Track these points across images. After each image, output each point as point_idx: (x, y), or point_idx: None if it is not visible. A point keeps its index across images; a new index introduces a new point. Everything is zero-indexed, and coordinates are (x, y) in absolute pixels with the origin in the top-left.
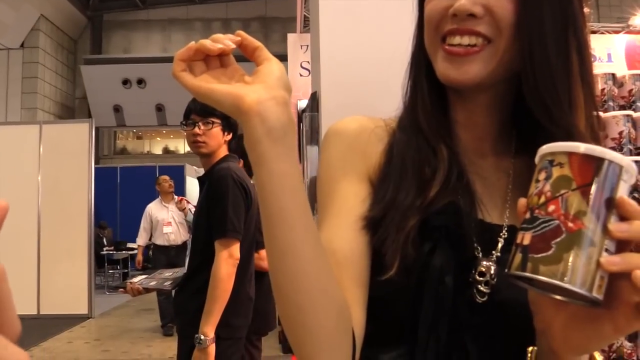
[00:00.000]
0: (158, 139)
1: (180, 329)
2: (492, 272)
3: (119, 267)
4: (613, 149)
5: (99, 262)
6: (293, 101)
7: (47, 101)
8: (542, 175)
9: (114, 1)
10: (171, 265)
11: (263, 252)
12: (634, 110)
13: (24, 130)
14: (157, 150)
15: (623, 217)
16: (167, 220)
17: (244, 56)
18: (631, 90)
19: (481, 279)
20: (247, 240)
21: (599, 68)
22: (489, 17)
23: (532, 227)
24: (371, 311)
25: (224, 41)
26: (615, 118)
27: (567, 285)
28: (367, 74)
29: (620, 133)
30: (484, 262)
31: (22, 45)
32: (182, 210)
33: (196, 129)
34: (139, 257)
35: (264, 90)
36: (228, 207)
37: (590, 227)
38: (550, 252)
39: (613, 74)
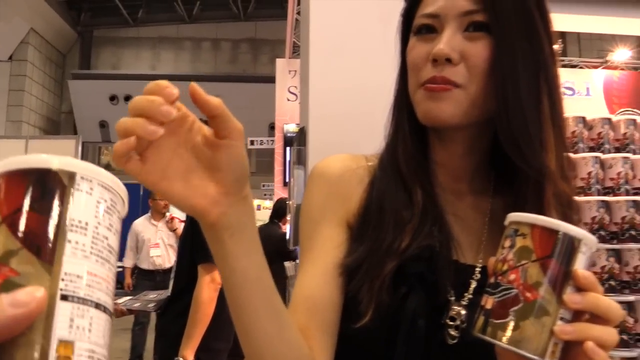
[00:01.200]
0: None
1: (161, 352)
2: (462, 316)
3: None
4: (582, 188)
5: None
6: (279, 125)
7: (32, 114)
8: (507, 243)
9: (105, 17)
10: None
11: None
12: (602, 152)
13: (10, 144)
14: None
15: (579, 288)
16: (154, 242)
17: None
18: (600, 132)
19: (452, 323)
20: None
21: (578, 101)
22: (464, 64)
23: (494, 293)
24: (345, 356)
25: (161, 110)
26: (584, 159)
27: (521, 352)
28: (355, 110)
29: (589, 173)
30: (455, 307)
31: (10, 58)
32: (174, 230)
33: None
34: (128, 280)
35: (225, 199)
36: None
37: (546, 298)
38: (508, 319)
39: (583, 117)
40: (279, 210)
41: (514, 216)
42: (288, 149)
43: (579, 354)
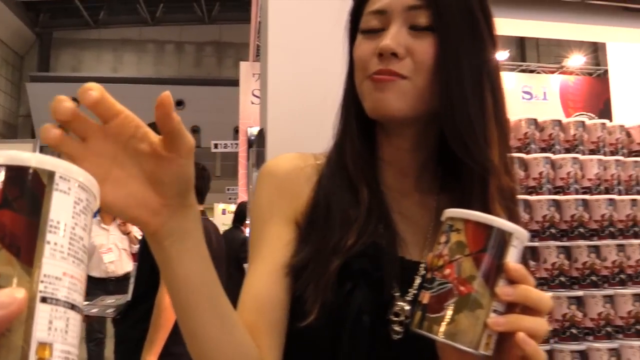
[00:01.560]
0: None
1: (121, 358)
2: (406, 312)
3: None
4: (533, 188)
5: None
6: (243, 128)
7: None
8: (443, 239)
9: (65, 19)
10: None
11: None
12: (553, 152)
13: None
14: None
15: (511, 281)
16: (107, 247)
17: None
18: (551, 134)
19: (396, 318)
20: None
21: (536, 105)
22: (410, 59)
23: (431, 288)
24: (292, 354)
25: (60, 107)
26: (536, 159)
27: (456, 345)
28: (313, 112)
29: (540, 173)
30: (399, 303)
31: None
32: (127, 234)
33: None
34: None
35: (166, 209)
36: None
37: (480, 291)
38: (443, 313)
39: (535, 119)
40: (240, 214)
41: (449, 212)
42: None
43: (512, 345)
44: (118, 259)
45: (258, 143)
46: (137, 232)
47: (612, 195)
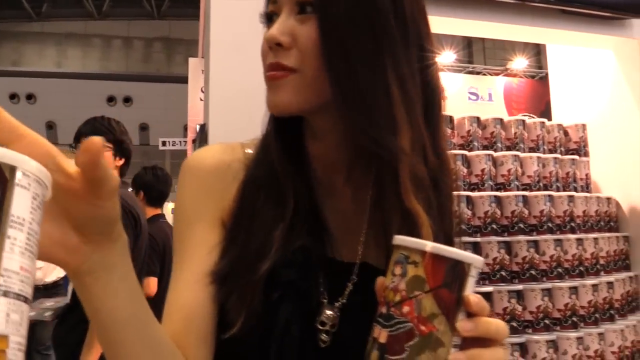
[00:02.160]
0: None
1: None
2: (333, 319)
3: None
4: (476, 184)
5: None
6: (192, 125)
7: None
8: (398, 270)
9: (4, 10)
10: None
11: (151, 280)
12: (495, 150)
13: None
14: None
15: (470, 313)
16: None
17: None
18: (492, 132)
19: (322, 327)
20: (135, 270)
21: (481, 106)
22: (296, 48)
23: (389, 326)
24: None
25: None
26: (478, 157)
27: None
28: (254, 107)
29: (482, 170)
30: (327, 311)
31: None
32: None
33: None
34: None
35: (87, 247)
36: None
37: (441, 329)
38: (404, 356)
39: (478, 117)
40: None
41: (403, 240)
42: None
43: None
44: (44, 265)
45: (201, 138)
46: None
47: (551, 192)
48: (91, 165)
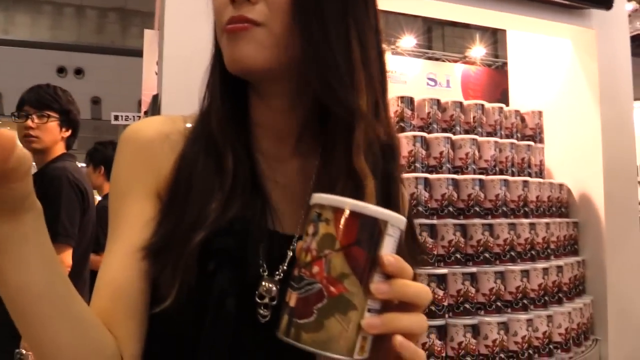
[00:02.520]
0: None
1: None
2: (272, 293)
3: None
4: (434, 167)
5: None
6: (146, 99)
7: None
8: (311, 230)
9: None
10: None
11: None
12: (454, 133)
13: None
14: None
15: (388, 275)
16: None
17: None
18: (452, 115)
19: (261, 301)
20: (83, 245)
21: (439, 92)
22: (264, 2)
23: (298, 288)
24: (154, 341)
25: None
26: (437, 139)
27: (327, 354)
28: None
29: (441, 153)
30: (265, 284)
31: None
32: None
33: (29, 122)
34: None
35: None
36: (61, 210)
37: (353, 290)
38: (312, 319)
39: (438, 100)
40: None
41: (317, 197)
42: None
43: (389, 346)
44: None
45: (153, 110)
46: None
47: (506, 177)
48: (2, 162)
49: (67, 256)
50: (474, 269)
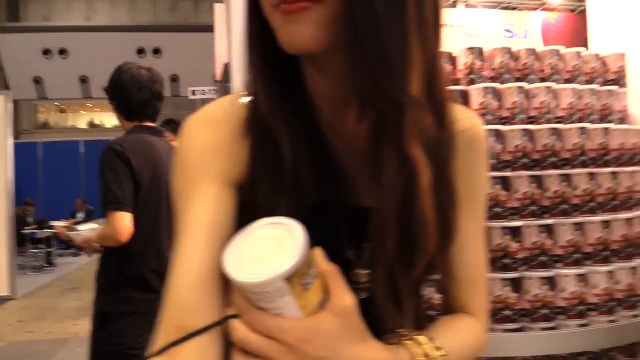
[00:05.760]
0: (83, 112)
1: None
2: (363, 275)
3: (42, 247)
4: (507, 118)
5: (22, 241)
6: (220, 73)
7: None
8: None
9: None
10: None
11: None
12: (528, 82)
13: None
14: (82, 124)
15: None
16: None
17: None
18: (525, 63)
19: (358, 287)
20: (149, 214)
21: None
22: None
23: None
24: None
25: None
26: (509, 90)
27: None
28: None
29: (514, 103)
30: (359, 271)
31: None
32: None
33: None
34: None
35: None
36: (109, 180)
37: None
38: None
39: (509, 49)
40: None
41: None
42: None
43: None
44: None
45: (224, 78)
46: None
47: (585, 125)
48: None
49: (122, 221)
50: (550, 221)
